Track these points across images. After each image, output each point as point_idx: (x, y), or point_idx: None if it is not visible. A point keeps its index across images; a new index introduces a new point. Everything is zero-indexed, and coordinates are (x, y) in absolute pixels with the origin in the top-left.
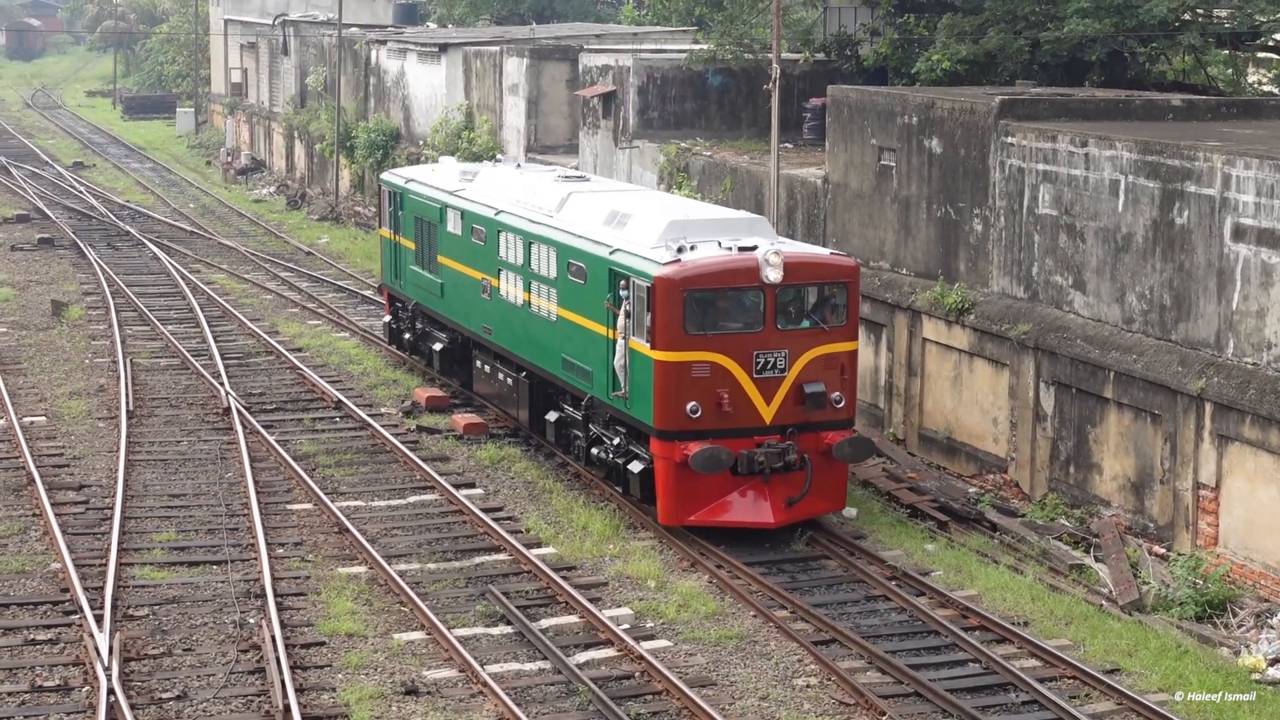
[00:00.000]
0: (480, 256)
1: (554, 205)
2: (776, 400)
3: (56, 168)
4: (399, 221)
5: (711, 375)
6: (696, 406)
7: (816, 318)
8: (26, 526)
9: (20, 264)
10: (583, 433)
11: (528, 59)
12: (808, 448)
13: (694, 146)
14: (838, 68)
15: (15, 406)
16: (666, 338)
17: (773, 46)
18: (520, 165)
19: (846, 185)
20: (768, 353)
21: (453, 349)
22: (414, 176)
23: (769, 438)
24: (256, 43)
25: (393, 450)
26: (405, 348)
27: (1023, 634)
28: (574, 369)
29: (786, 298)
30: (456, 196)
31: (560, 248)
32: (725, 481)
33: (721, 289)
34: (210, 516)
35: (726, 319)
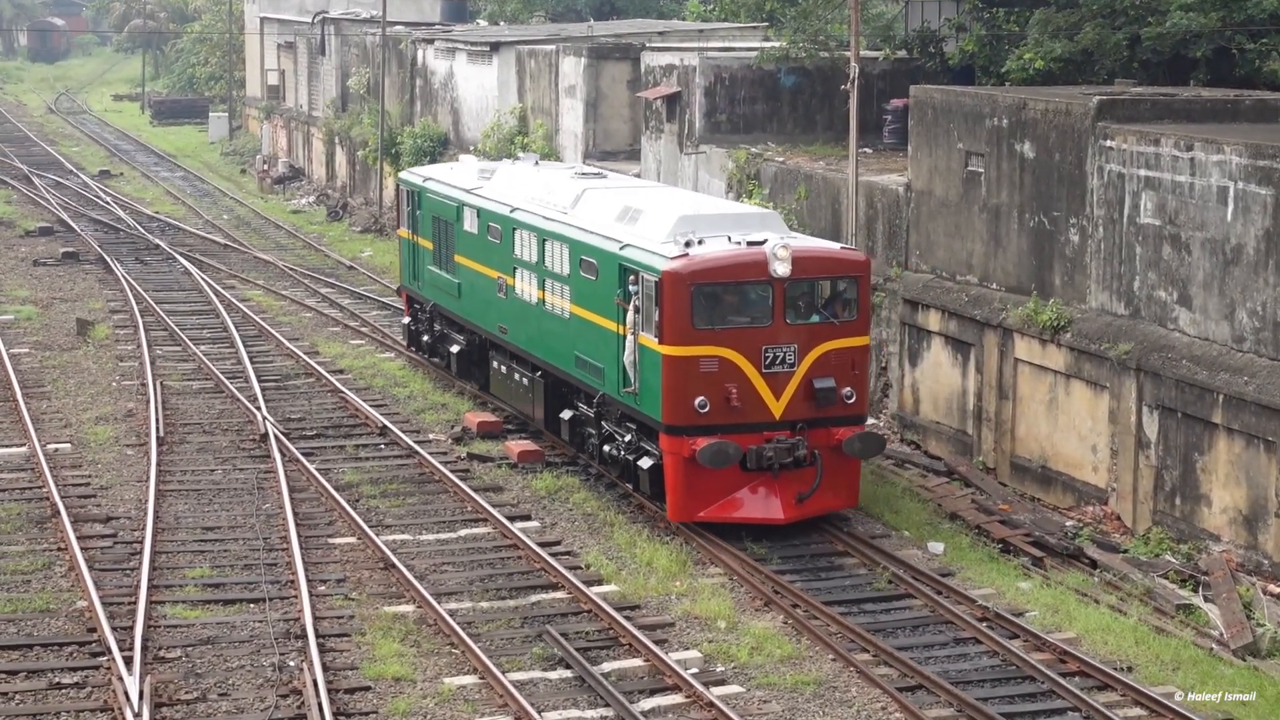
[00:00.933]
0: (496, 255)
1: (569, 202)
2: (786, 395)
3: (81, 177)
4: (417, 221)
5: (720, 370)
6: (705, 401)
7: (827, 312)
8: (51, 561)
9: (43, 280)
10: (596, 430)
11: (586, 58)
12: (818, 444)
13: (765, 152)
14: (921, 66)
15: (39, 433)
16: (674, 332)
17: (851, 44)
18: (538, 163)
19: (931, 193)
20: (776, 347)
21: (470, 351)
22: (432, 175)
23: (778, 433)
24: (295, 42)
25: (442, 480)
26: (424, 350)
27: (1126, 680)
28: (587, 366)
29: (795, 292)
30: (474, 195)
31: (573, 244)
32: (734, 477)
33: (729, 283)
34: (247, 551)
35: (735, 313)
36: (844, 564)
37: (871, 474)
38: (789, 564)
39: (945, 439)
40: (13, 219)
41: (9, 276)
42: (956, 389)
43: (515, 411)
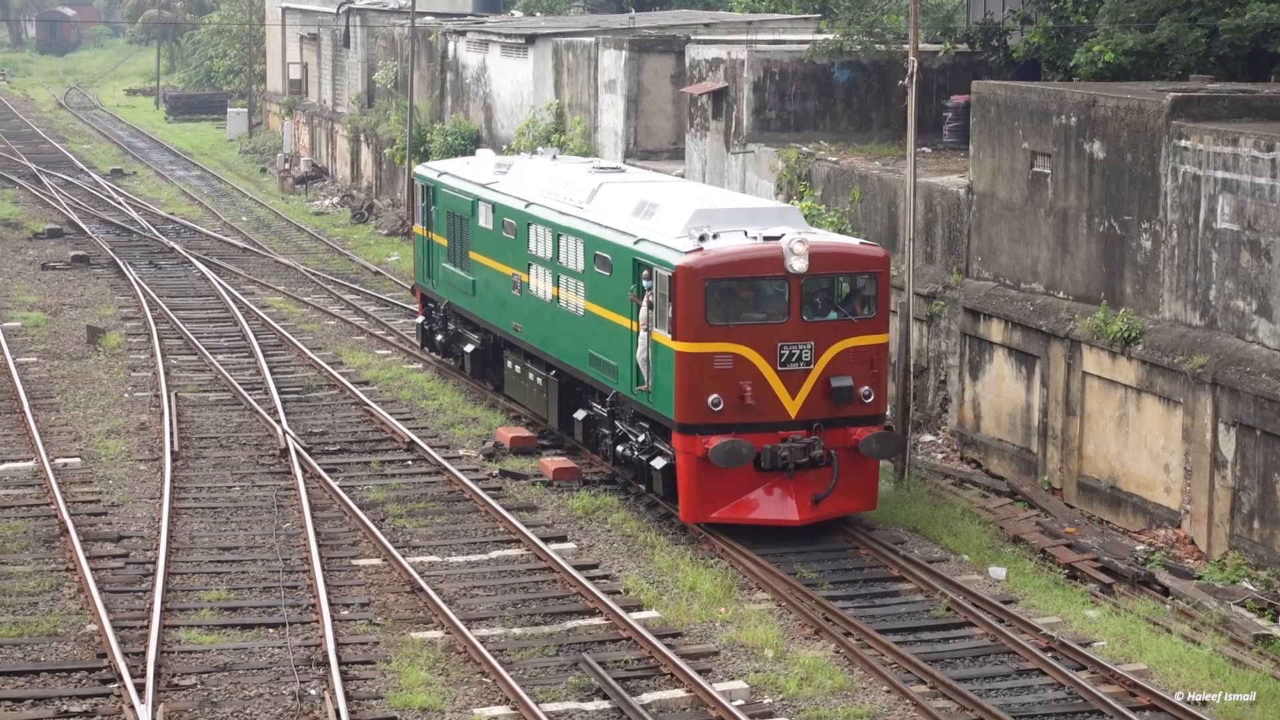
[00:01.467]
0: (511, 251)
1: (585, 197)
2: (802, 394)
3: (92, 176)
4: (432, 217)
5: (734, 367)
6: (719, 399)
7: (845, 309)
8: (59, 583)
9: (52, 285)
10: (609, 430)
11: (627, 51)
12: (835, 443)
13: (817, 151)
14: (983, 61)
15: (47, 447)
16: (688, 328)
17: (909, 36)
18: (555, 157)
19: (994, 195)
20: (793, 344)
21: (484, 350)
22: (448, 169)
23: (794, 433)
24: (318, 34)
25: (472, 498)
26: (438, 350)
27: (1200, 715)
28: (600, 364)
29: (812, 288)
30: (489, 189)
31: (587, 239)
32: (749, 477)
33: (744, 278)
34: (265, 573)
35: (750, 309)
36: (899, 589)
37: (929, 494)
38: (840, 589)
39: (1008, 457)
40: (20, 220)
41: (16, 281)
42: (1020, 404)
43: (529, 413)
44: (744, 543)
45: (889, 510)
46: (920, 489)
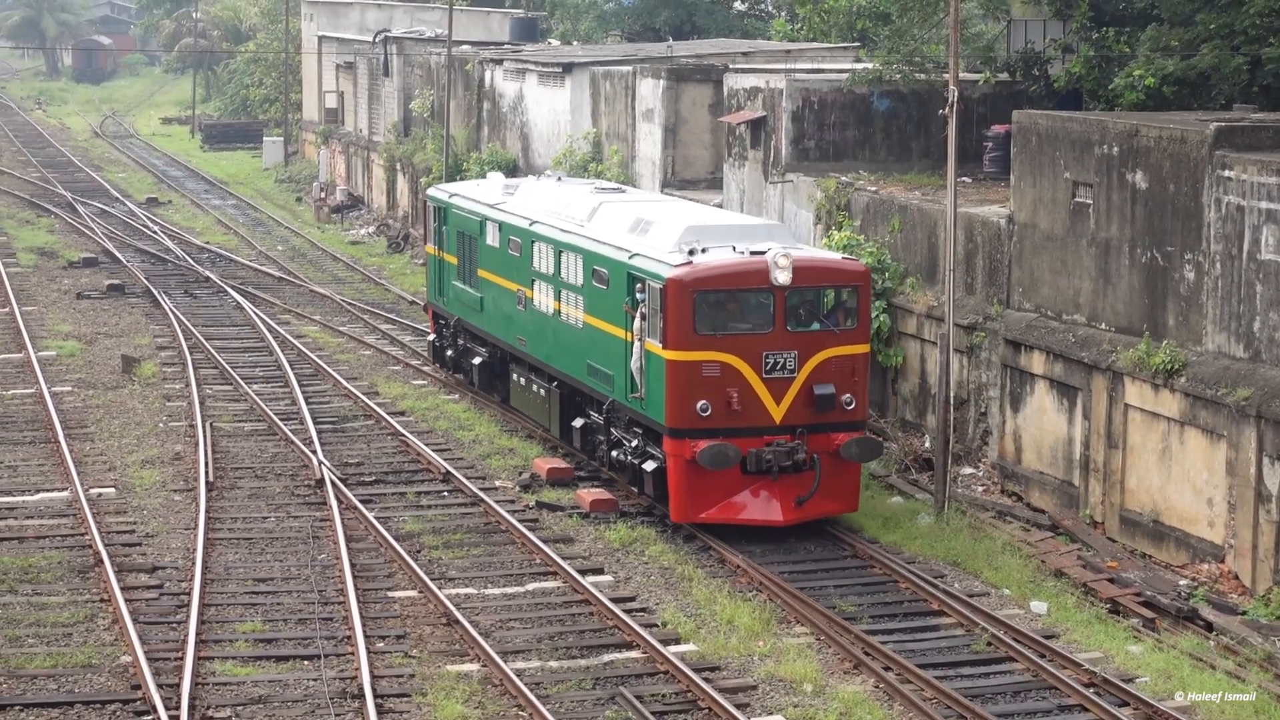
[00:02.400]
0: (515, 268)
1: (585, 215)
2: (786, 400)
3: (128, 204)
4: (443, 237)
5: (722, 375)
6: (706, 405)
7: (828, 320)
8: (93, 613)
9: (87, 314)
10: (606, 437)
11: (664, 80)
12: (818, 448)
13: (856, 181)
14: (1024, 90)
15: (81, 477)
16: (677, 338)
17: (949, 65)
18: (561, 179)
19: (1035, 226)
20: (777, 353)
21: (492, 364)
22: (458, 191)
23: (778, 437)
24: (354, 62)
25: (509, 530)
26: (448, 365)
27: None
28: (598, 374)
29: (796, 300)
30: (496, 209)
31: (586, 255)
32: (735, 480)
33: (731, 290)
34: (301, 604)
35: (736, 320)
36: (939, 624)
37: (969, 527)
38: (880, 623)
39: (1049, 490)
40: (55, 249)
41: (51, 310)
42: (1061, 437)
43: (532, 422)
44: (782, 575)
45: (929, 543)
46: (960, 522)
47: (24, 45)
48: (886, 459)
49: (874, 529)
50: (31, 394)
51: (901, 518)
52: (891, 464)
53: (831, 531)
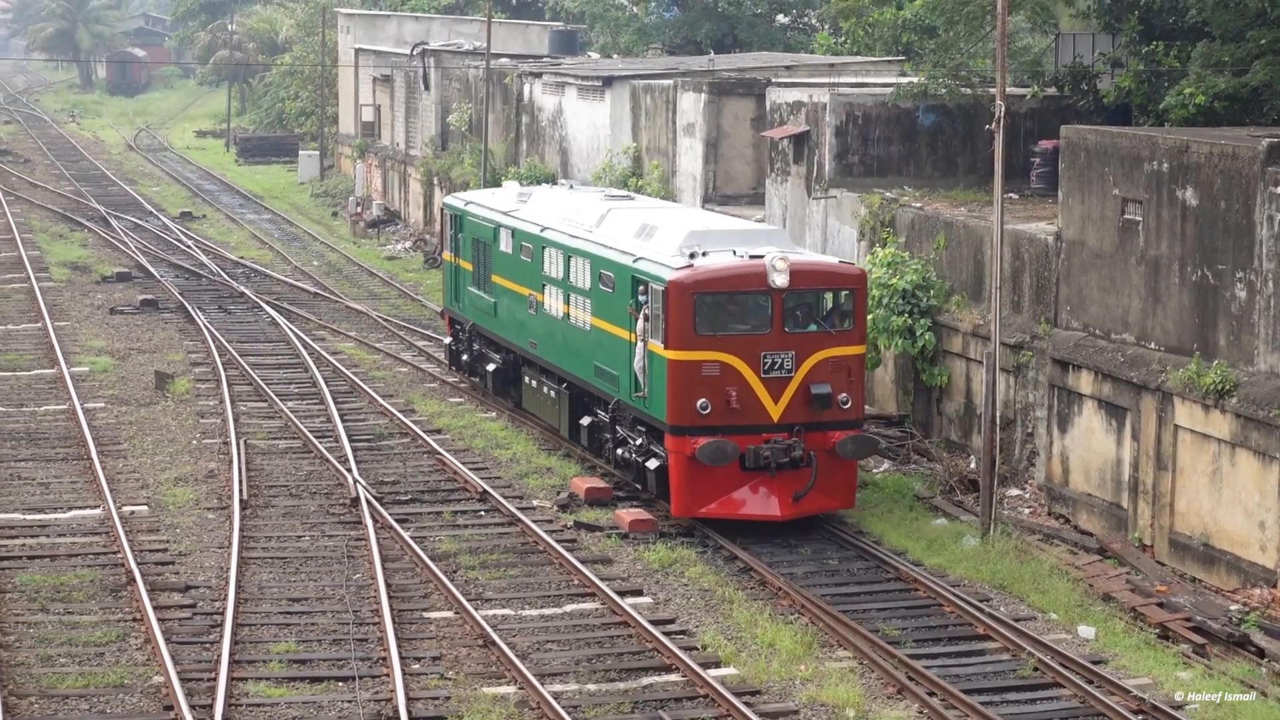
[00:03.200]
0: (527, 273)
1: (594, 221)
2: (784, 399)
3: (162, 219)
4: (459, 244)
5: (721, 374)
6: (706, 404)
7: (824, 322)
8: (125, 633)
9: (120, 329)
10: (611, 435)
11: (706, 94)
12: (815, 446)
13: (901, 197)
14: (1072, 105)
15: (114, 494)
16: (678, 338)
17: (996, 79)
18: (573, 187)
19: (1083, 243)
20: (775, 354)
21: (505, 369)
22: (474, 199)
23: (776, 435)
24: (391, 76)
25: (546, 550)
26: (463, 369)
27: None
28: (604, 375)
29: (793, 302)
30: (510, 216)
31: (594, 259)
32: (734, 476)
33: (730, 292)
34: (335, 624)
35: (736, 321)
36: (985, 648)
37: (1015, 550)
38: (924, 647)
39: (1097, 513)
40: (89, 263)
41: (84, 325)
42: (1110, 458)
43: (543, 424)
44: (824, 598)
45: (974, 566)
46: (1006, 545)
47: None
48: (931, 480)
49: (918, 551)
50: (64, 410)
51: (946, 540)
52: (936, 485)
53: (876, 552)
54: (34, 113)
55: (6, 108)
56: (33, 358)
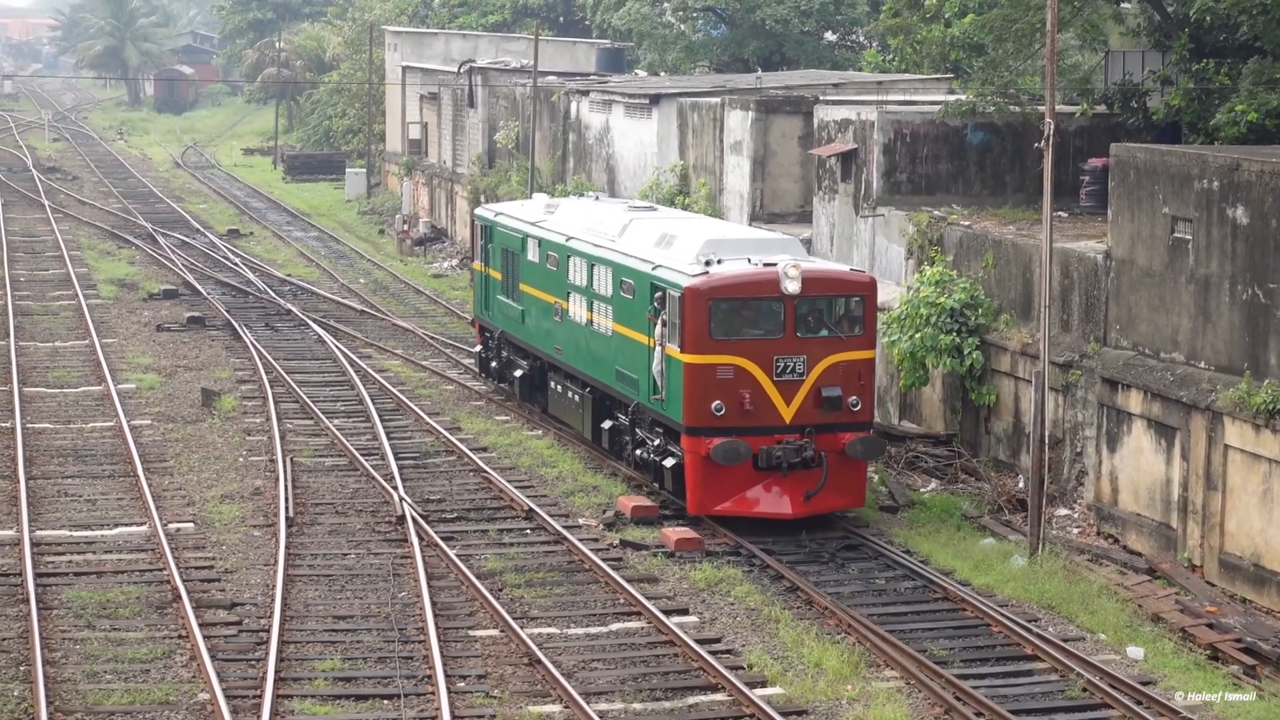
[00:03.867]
0: (553, 281)
1: (617, 231)
2: (796, 402)
3: (209, 236)
4: (489, 254)
5: (735, 377)
6: (721, 405)
7: (835, 327)
8: (171, 650)
9: (167, 346)
10: (631, 437)
11: (753, 112)
12: (825, 446)
13: (949, 215)
14: (1122, 122)
15: (160, 511)
16: (694, 342)
17: (1045, 97)
18: (598, 198)
19: (1132, 262)
20: (787, 358)
21: (532, 374)
22: (503, 210)
23: (788, 436)
24: (439, 93)
25: (592, 568)
26: (492, 376)
27: None
28: (624, 379)
29: (805, 308)
30: (537, 227)
31: (616, 267)
32: (748, 475)
33: (744, 298)
34: (381, 642)
35: (749, 326)
36: (1033, 669)
37: (1064, 570)
38: (972, 667)
39: (1146, 533)
40: (136, 281)
41: (131, 343)
42: (1159, 478)
43: (567, 428)
44: (871, 617)
45: (1022, 586)
46: (1055, 565)
47: (107, 75)
48: (979, 500)
49: (966, 571)
50: (111, 427)
51: (994, 560)
52: (984, 505)
53: (923, 572)
54: (82, 130)
55: (55, 125)
56: (80, 375)
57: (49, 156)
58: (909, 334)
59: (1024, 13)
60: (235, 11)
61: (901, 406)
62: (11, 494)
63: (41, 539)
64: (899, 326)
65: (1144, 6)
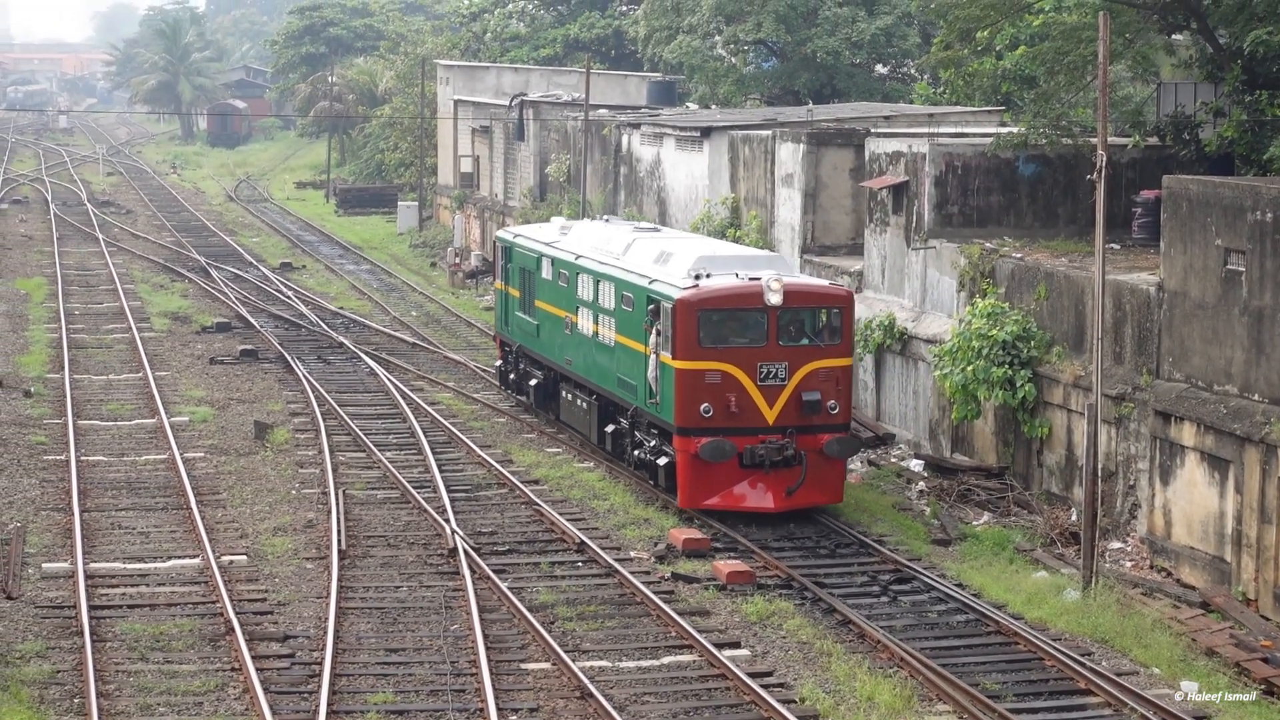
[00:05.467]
0: (564, 297)
1: (621, 249)
2: (778, 405)
3: (261, 269)
4: (508, 273)
5: (722, 382)
6: (709, 408)
7: (815, 337)
8: (224, 682)
9: (220, 379)
10: (630, 439)
11: (804, 144)
12: (805, 446)
13: (1001, 247)
14: (1174, 154)
15: (213, 544)
16: (684, 350)
17: (1097, 129)
18: (608, 220)
19: (1185, 294)
20: (770, 364)
21: (545, 384)
22: (521, 233)
23: (771, 436)
24: (490, 126)
25: (644, 601)
26: (510, 386)
27: None
28: (625, 385)
29: (786, 319)
30: (551, 247)
31: (618, 282)
32: (734, 472)
33: (730, 309)
34: (433, 675)
35: (735, 335)
36: (1086, 703)
37: (1117, 604)
38: (1025, 701)
39: (1200, 566)
40: (189, 314)
41: (184, 375)
42: (1213, 511)
43: (576, 433)
44: (924, 651)
45: (1075, 620)
46: (1108, 598)
47: (160, 110)
48: (1031, 533)
49: (1018, 604)
50: (164, 460)
51: (1047, 593)
52: (1036, 538)
53: (976, 605)
54: (136, 164)
55: (110, 160)
56: (133, 407)
57: (103, 190)
58: (961, 366)
59: (1075, 45)
60: (288, 46)
61: (954, 439)
62: (66, 526)
63: (95, 571)
64: (951, 359)
65: (1196, 38)
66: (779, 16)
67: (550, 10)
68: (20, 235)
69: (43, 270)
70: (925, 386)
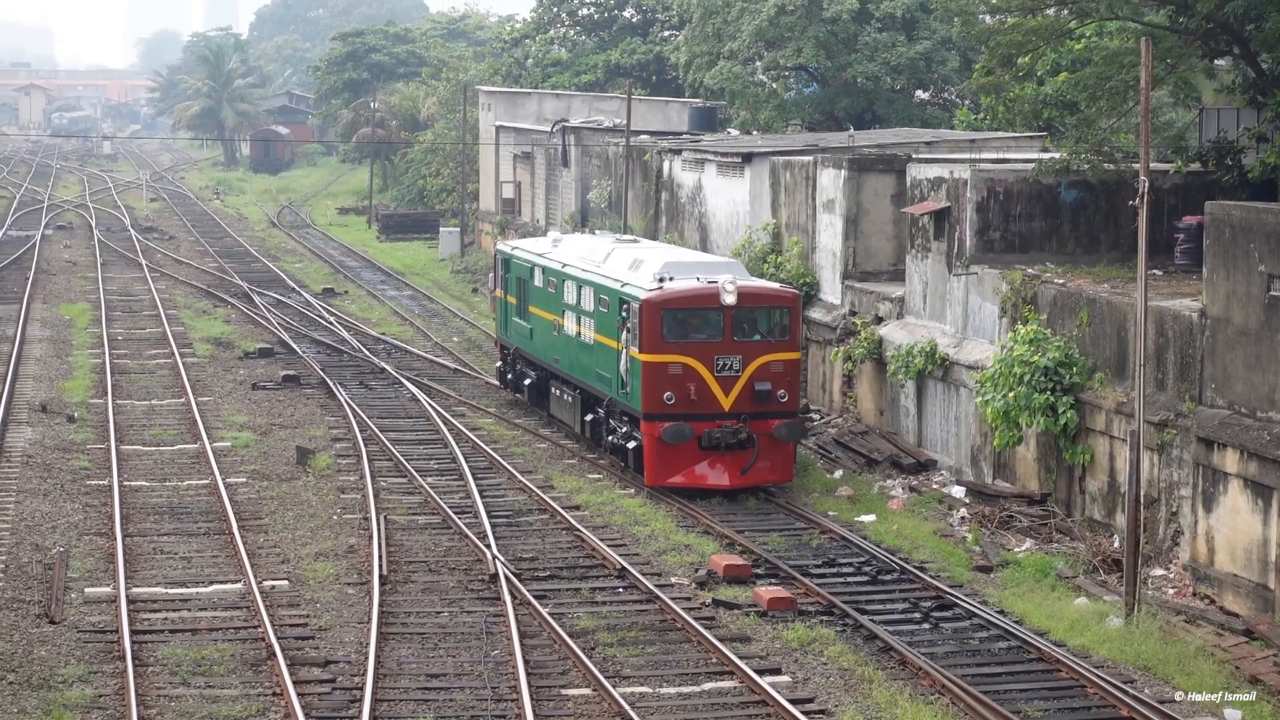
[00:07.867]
0: (553, 302)
1: (601, 258)
2: (733, 394)
3: (304, 295)
4: (507, 283)
5: (683, 373)
6: (671, 396)
7: (766, 334)
8: (265, 707)
9: (262, 405)
10: (605, 427)
11: (846, 170)
12: (757, 430)
13: (1043, 273)
14: (1216, 180)
15: (255, 569)
16: (649, 344)
17: (1140, 155)
18: (595, 233)
19: (1228, 320)
20: (726, 357)
21: (538, 383)
22: (519, 245)
23: (727, 422)
24: (532, 152)
25: (684, 627)
26: (508, 386)
27: None
28: (602, 379)
29: (740, 317)
30: (542, 257)
31: (596, 287)
32: (693, 453)
33: (690, 308)
34: (473, 701)
35: (695, 331)
36: None
37: (1160, 631)
38: None
39: (1243, 593)
40: (232, 339)
41: (226, 401)
42: (1256, 538)
43: (564, 425)
44: (965, 678)
45: (1118, 647)
46: (1151, 625)
47: (203, 136)
48: (1073, 559)
49: (1060, 631)
50: (206, 485)
51: (1089, 620)
52: (1079, 565)
53: (1017, 632)
54: (179, 190)
55: (153, 185)
56: (176, 433)
57: (146, 216)
58: (1002, 393)
59: (1117, 70)
60: (330, 72)
61: (995, 465)
62: (109, 551)
63: (138, 596)
64: (992, 385)
65: (1238, 64)
66: (819, 42)
67: (592, 36)
68: (64, 261)
69: (86, 296)
70: (967, 413)
